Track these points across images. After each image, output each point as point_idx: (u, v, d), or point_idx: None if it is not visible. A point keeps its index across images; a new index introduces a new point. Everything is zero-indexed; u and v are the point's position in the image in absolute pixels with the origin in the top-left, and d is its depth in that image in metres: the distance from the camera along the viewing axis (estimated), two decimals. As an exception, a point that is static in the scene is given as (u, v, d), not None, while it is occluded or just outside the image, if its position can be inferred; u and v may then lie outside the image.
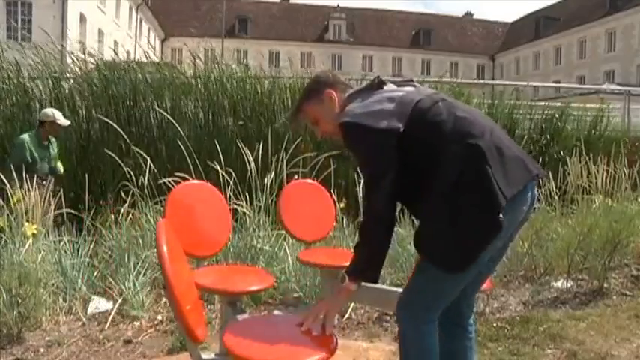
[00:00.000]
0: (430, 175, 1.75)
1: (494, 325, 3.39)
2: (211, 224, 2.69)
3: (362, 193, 2.51)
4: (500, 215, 1.67)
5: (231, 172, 4.14)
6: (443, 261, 1.73)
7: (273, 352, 1.64)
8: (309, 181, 3.40)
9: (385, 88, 1.94)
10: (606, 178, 4.91)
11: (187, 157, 4.51)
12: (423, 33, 48.83)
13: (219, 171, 4.12)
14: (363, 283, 1.83)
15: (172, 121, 5.10)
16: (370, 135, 1.77)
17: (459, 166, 1.70)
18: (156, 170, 4.40)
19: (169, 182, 4.07)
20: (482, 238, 1.70)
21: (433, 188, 1.74)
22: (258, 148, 4.37)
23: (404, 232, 4.15)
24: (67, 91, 5.92)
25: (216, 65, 6.11)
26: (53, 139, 5.02)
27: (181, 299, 1.53)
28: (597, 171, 4.86)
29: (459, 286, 1.82)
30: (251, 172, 4.17)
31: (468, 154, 1.71)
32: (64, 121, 4.92)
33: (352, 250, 1.89)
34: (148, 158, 4.38)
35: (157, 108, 5.50)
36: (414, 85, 2.00)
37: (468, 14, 53.93)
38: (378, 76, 1.99)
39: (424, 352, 1.81)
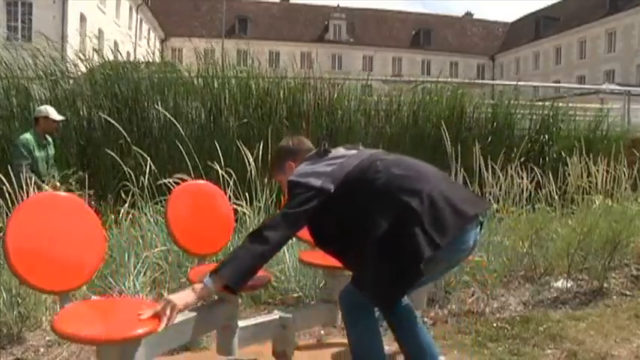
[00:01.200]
0: (361, 228, 2.00)
1: (494, 325, 3.38)
2: (213, 223, 2.69)
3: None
4: (422, 265, 1.90)
5: (232, 172, 4.13)
6: (375, 299, 2.06)
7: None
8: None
9: (330, 155, 2.23)
10: (606, 178, 4.90)
11: (187, 157, 4.51)
12: (423, 33, 48.83)
13: (219, 171, 4.11)
14: None
15: (174, 120, 5.10)
16: (303, 189, 2.07)
17: (390, 220, 1.96)
18: (156, 170, 4.39)
19: (169, 182, 4.07)
20: (405, 282, 2.01)
21: (363, 239, 1.99)
22: (259, 147, 4.37)
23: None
24: (66, 90, 5.92)
25: (217, 65, 6.10)
26: (51, 141, 5.02)
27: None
28: (597, 171, 4.86)
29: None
30: (251, 172, 4.17)
31: (399, 208, 1.96)
32: (57, 116, 4.94)
33: None
34: (148, 158, 4.37)
35: (158, 107, 5.49)
36: (358, 149, 2.30)
37: (468, 14, 53.93)
38: (325, 144, 2.29)
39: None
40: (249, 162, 4.20)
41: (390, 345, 2.50)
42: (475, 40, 49.93)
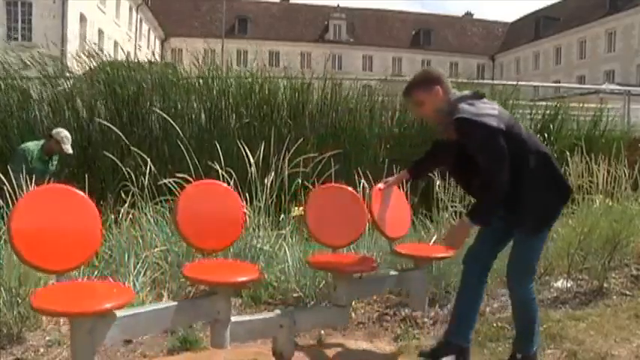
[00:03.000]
0: (518, 165, 2.47)
1: (495, 325, 3.38)
2: (221, 221, 2.71)
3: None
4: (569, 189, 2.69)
5: (232, 172, 4.13)
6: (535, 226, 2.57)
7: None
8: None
9: (484, 100, 2.62)
10: (607, 177, 4.90)
11: (188, 158, 4.51)
12: (423, 33, 48.81)
13: (220, 171, 4.12)
14: None
15: (172, 122, 5.10)
16: (485, 130, 2.44)
17: (536, 161, 2.53)
18: (156, 171, 4.39)
19: (170, 183, 4.07)
20: (558, 205, 2.66)
21: (523, 174, 2.49)
22: (260, 148, 4.37)
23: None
24: (66, 90, 5.91)
25: (217, 66, 6.10)
26: (56, 158, 4.96)
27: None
28: (598, 171, 4.86)
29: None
30: (251, 173, 4.17)
31: (541, 155, 2.57)
32: (68, 149, 4.85)
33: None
34: (148, 159, 4.37)
35: (157, 110, 5.48)
36: None
37: (468, 14, 53.91)
38: (478, 91, 2.71)
39: (535, 309, 2.69)
40: (249, 162, 4.20)
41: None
42: (475, 40, 49.92)
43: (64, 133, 4.87)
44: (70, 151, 4.93)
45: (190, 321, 2.62)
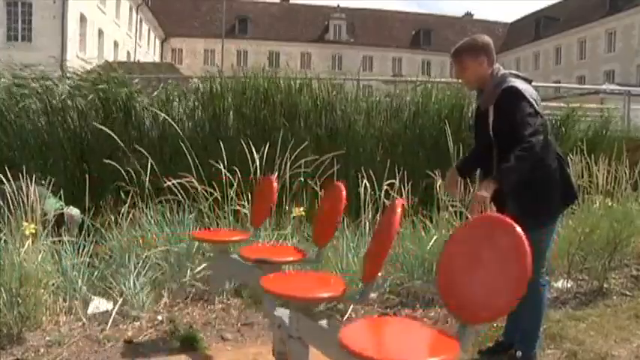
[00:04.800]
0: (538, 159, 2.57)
1: (495, 325, 3.38)
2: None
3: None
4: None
5: (236, 170, 4.14)
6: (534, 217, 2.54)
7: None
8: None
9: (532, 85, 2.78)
10: (607, 178, 4.90)
11: (190, 159, 4.51)
12: (423, 33, 48.83)
13: (223, 170, 4.12)
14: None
15: (174, 124, 5.10)
16: (530, 107, 2.59)
17: (557, 160, 2.72)
18: (158, 171, 4.39)
19: (172, 184, 4.08)
20: (560, 207, 2.78)
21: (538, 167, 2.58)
22: (263, 150, 4.36)
23: (405, 232, 4.14)
24: (65, 93, 5.89)
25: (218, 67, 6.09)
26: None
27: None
28: (598, 171, 4.86)
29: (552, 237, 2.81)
30: (255, 174, 4.17)
31: (560, 156, 2.78)
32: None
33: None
34: (150, 159, 4.37)
35: (157, 111, 5.46)
36: None
37: (468, 14, 53.92)
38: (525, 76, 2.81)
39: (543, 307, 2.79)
40: (252, 162, 4.20)
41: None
42: (475, 40, 49.91)
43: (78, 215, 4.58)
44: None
45: None
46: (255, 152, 4.34)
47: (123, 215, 4.10)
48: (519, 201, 2.62)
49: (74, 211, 4.51)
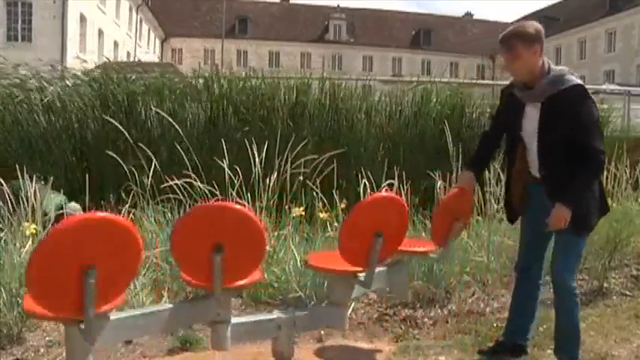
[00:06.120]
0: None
1: (495, 325, 3.38)
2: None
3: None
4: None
5: (238, 168, 4.14)
6: (585, 225, 2.58)
7: None
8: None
9: None
10: (607, 178, 4.90)
11: (188, 159, 4.51)
12: (423, 33, 48.83)
13: (226, 170, 4.12)
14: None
15: (174, 123, 5.09)
16: (595, 107, 2.54)
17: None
18: (160, 170, 4.39)
19: (170, 183, 4.07)
20: (597, 216, 2.66)
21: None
22: (262, 150, 4.36)
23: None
24: (66, 92, 5.89)
25: (218, 67, 6.09)
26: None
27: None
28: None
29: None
30: (256, 174, 4.17)
31: None
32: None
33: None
34: (153, 159, 4.37)
35: (159, 111, 5.46)
36: None
37: (468, 14, 53.93)
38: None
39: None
40: (254, 163, 4.21)
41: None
42: (475, 40, 49.90)
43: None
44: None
45: (189, 322, 2.64)
46: (256, 152, 4.33)
47: (123, 215, 4.10)
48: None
49: (75, 207, 4.54)
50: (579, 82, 2.53)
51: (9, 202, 3.65)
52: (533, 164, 2.67)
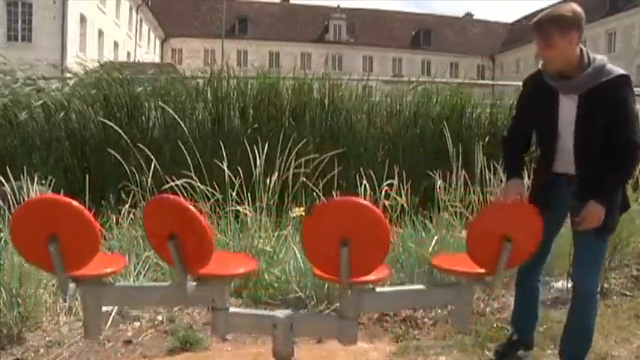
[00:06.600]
0: None
1: (495, 325, 3.38)
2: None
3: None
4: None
5: (239, 169, 4.14)
6: (610, 225, 2.40)
7: None
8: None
9: None
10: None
11: (191, 158, 4.51)
12: (423, 33, 48.84)
13: (226, 171, 4.12)
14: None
15: (180, 122, 5.10)
16: (634, 100, 2.38)
17: None
18: (160, 170, 4.39)
19: (173, 184, 4.07)
20: (620, 213, 2.48)
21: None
22: (263, 150, 4.36)
23: (404, 233, 4.15)
24: (66, 92, 5.90)
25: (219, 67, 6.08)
26: None
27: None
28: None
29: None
30: (256, 174, 4.17)
31: None
32: None
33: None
34: (153, 159, 4.37)
35: (165, 107, 5.45)
36: None
37: (468, 14, 53.94)
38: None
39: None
40: (255, 163, 4.20)
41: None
42: (475, 40, 49.92)
43: None
44: None
45: (178, 303, 2.94)
46: (258, 152, 4.33)
47: (124, 215, 4.10)
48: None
49: None
50: (623, 72, 2.38)
51: (9, 202, 3.65)
52: (563, 160, 2.47)
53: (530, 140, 2.73)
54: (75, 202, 2.17)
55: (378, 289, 2.43)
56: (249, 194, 4.18)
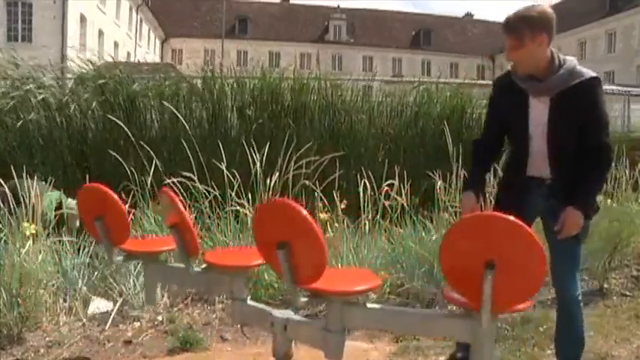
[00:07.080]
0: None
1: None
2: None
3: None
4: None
5: (236, 173, 4.14)
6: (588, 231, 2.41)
7: None
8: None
9: None
10: (607, 178, 4.90)
11: (191, 158, 4.51)
12: (423, 33, 48.83)
13: (224, 170, 4.12)
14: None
15: (182, 119, 5.09)
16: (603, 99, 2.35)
17: None
18: (162, 169, 4.39)
19: (174, 183, 4.07)
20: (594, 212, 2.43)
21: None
22: (264, 150, 4.36)
23: (404, 233, 4.15)
24: (66, 92, 5.89)
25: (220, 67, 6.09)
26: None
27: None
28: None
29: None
30: (256, 174, 4.17)
31: None
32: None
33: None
34: (155, 158, 4.37)
35: (168, 104, 5.45)
36: None
37: (468, 15, 53.93)
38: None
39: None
40: (254, 163, 4.20)
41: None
42: (475, 41, 49.90)
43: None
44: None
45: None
46: (257, 153, 4.32)
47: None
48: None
49: (73, 203, 4.51)
50: (594, 73, 2.32)
51: (9, 202, 3.65)
52: (536, 162, 2.41)
53: (503, 143, 2.66)
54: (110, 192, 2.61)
55: (368, 305, 2.33)
56: (249, 194, 4.18)
